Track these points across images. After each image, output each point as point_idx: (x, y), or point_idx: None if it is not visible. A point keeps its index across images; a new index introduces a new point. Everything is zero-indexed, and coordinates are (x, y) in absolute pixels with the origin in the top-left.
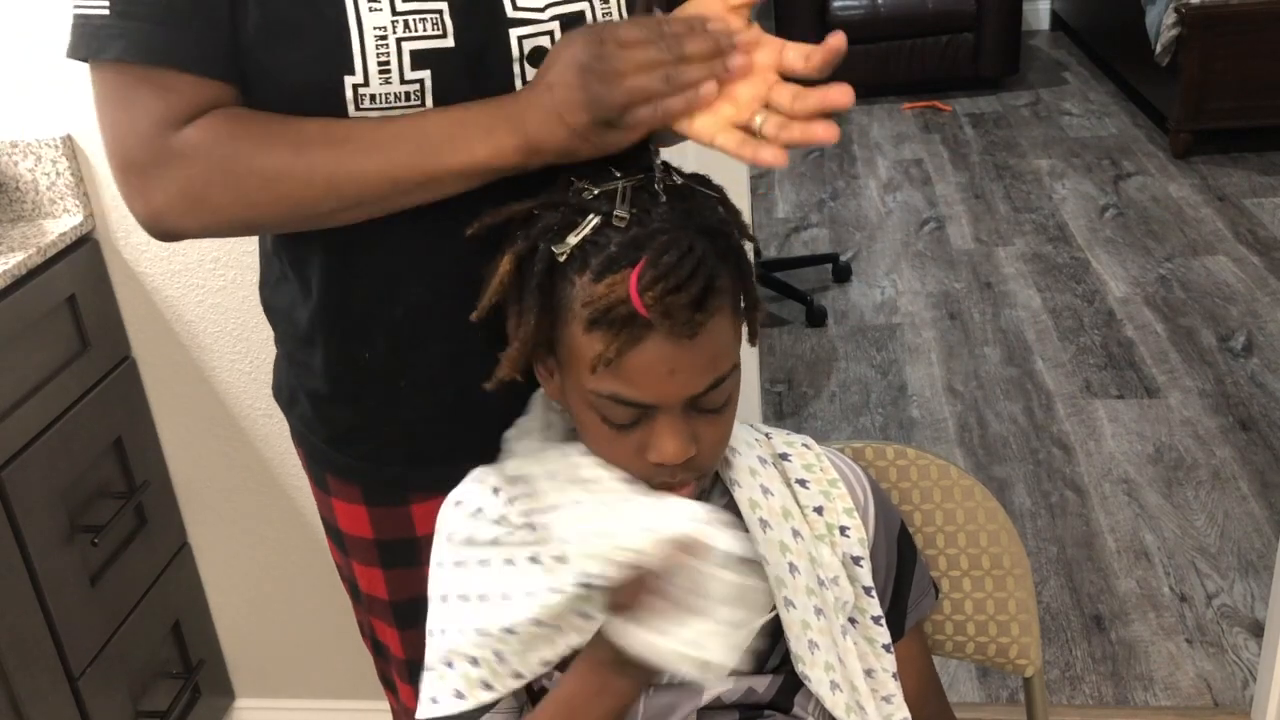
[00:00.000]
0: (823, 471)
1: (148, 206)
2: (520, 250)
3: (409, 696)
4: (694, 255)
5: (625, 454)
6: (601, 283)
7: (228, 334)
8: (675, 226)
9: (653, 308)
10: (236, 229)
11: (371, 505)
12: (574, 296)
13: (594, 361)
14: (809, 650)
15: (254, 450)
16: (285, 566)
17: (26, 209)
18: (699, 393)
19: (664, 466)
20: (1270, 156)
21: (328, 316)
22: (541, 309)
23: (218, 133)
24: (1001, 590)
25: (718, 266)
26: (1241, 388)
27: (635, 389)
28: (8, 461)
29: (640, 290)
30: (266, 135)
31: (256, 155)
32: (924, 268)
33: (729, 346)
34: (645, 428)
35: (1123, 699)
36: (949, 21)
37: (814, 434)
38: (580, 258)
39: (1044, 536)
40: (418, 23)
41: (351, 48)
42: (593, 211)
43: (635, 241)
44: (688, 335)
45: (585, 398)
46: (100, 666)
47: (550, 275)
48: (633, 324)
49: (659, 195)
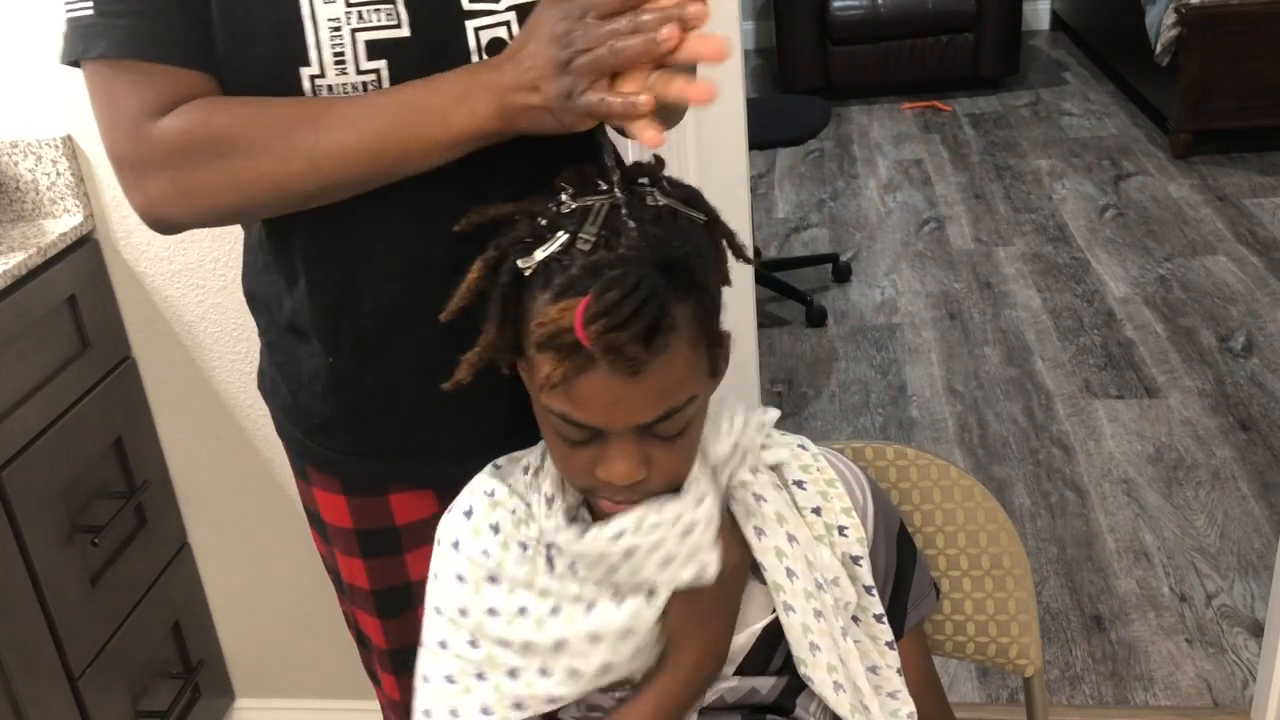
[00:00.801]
0: (820, 472)
1: (143, 199)
2: (489, 259)
3: (392, 688)
4: (639, 294)
5: (577, 468)
6: (555, 306)
7: (228, 334)
8: (636, 258)
9: (595, 342)
10: (230, 214)
11: (351, 495)
12: (535, 309)
13: (542, 382)
14: (810, 653)
15: (254, 450)
16: (285, 566)
17: (26, 209)
18: (648, 422)
19: (611, 484)
20: (1270, 156)
21: (310, 307)
22: (504, 319)
23: (198, 119)
24: (1001, 590)
25: (670, 303)
26: (1241, 388)
27: (582, 413)
28: (8, 461)
29: (584, 324)
30: (246, 117)
31: (238, 138)
32: (924, 268)
33: (684, 380)
34: (597, 446)
35: (1123, 699)
36: (949, 21)
37: (814, 434)
38: (544, 274)
39: (1044, 536)
40: (371, 13)
41: (306, 40)
42: (562, 229)
43: (594, 268)
44: (629, 373)
45: (540, 410)
46: (100, 666)
47: (515, 287)
48: (578, 353)
49: (632, 219)
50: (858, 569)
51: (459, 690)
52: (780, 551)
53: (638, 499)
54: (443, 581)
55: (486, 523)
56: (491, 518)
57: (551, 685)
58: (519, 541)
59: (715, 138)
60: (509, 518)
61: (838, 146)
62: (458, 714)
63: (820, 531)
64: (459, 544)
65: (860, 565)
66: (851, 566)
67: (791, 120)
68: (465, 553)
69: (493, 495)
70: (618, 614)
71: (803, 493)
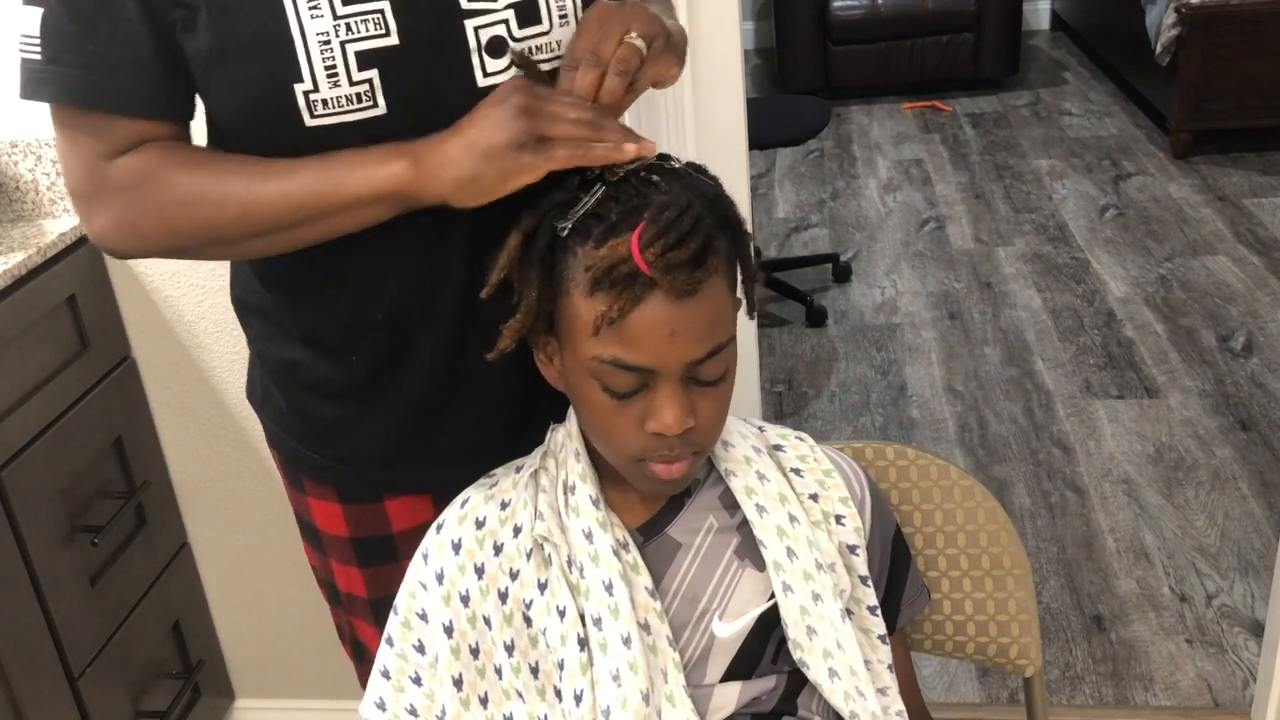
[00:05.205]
0: (817, 462)
1: (91, 230)
2: (526, 227)
3: None
4: (692, 212)
5: (624, 426)
6: (604, 246)
7: (228, 334)
8: (675, 192)
9: (654, 264)
10: (168, 253)
11: (346, 503)
12: (576, 265)
13: (597, 322)
14: (808, 636)
15: (254, 450)
16: (285, 566)
17: (26, 209)
18: (698, 358)
19: (663, 438)
20: (1270, 156)
21: (311, 315)
22: (543, 283)
23: (146, 164)
24: (1001, 590)
25: (715, 230)
26: (1241, 388)
27: (637, 352)
28: (8, 461)
29: (641, 247)
30: (190, 164)
31: (178, 183)
32: (924, 268)
33: (726, 315)
34: (645, 398)
35: (1123, 699)
36: (949, 21)
37: (814, 434)
38: (582, 230)
39: (1044, 536)
40: (359, 24)
41: (297, 56)
42: (597, 183)
43: (636, 209)
44: (688, 291)
45: (586, 367)
46: (100, 666)
47: (552, 250)
48: (634, 283)
49: (656, 173)
50: (854, 558)
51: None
52: (782, 530)
53: (685, 457)
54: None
55: (450, 539)
56: (456, 533)
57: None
58: (476, 566)
59: (715, 138)
60: (472, 533)
61: (838, 146)
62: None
63: (817, 518)
64: (428, 556)
65: (856, 555)
66: (848, 555)
67: (791, 120)
68: (432, 567)
69: (463, 506)
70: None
71: (800, 480)
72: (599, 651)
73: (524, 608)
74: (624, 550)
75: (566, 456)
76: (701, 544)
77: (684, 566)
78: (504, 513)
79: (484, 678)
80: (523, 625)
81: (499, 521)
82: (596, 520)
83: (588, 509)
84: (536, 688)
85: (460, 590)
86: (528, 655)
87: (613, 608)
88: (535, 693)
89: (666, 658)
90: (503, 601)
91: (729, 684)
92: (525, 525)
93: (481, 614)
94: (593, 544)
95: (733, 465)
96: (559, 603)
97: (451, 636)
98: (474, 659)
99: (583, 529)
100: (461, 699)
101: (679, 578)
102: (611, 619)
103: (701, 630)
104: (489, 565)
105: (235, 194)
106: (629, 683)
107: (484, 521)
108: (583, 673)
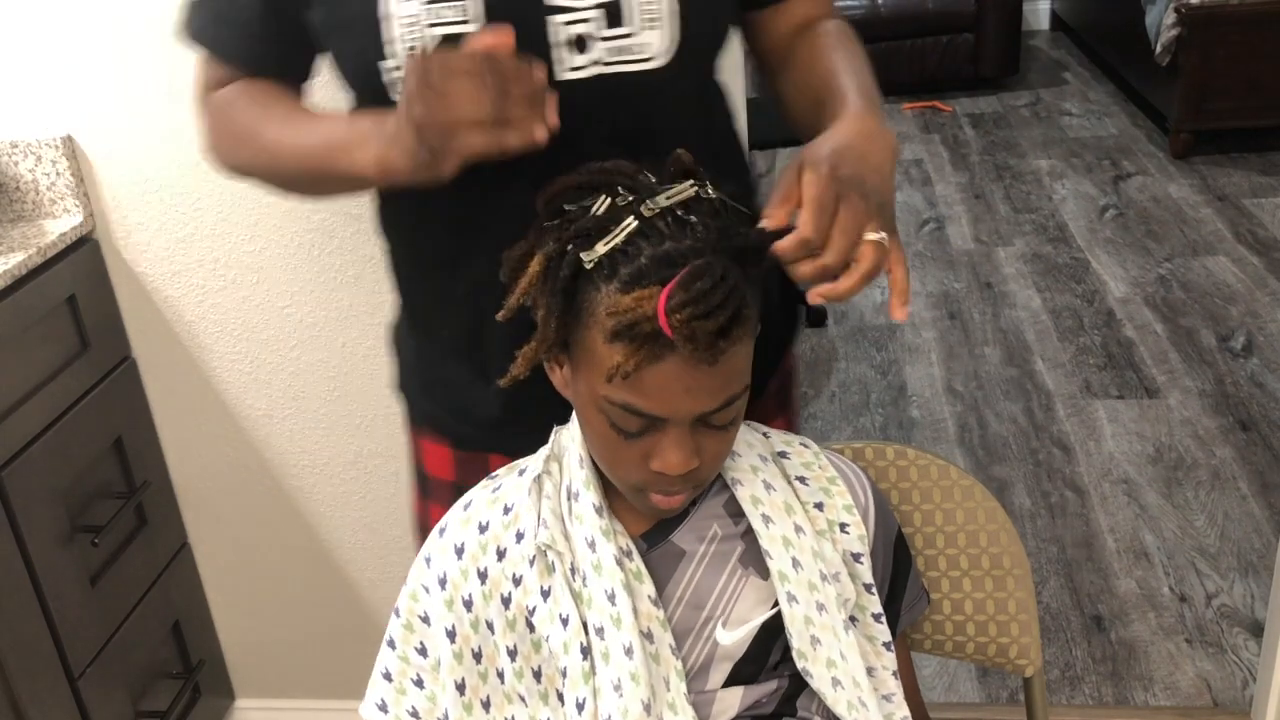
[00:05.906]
0: (821, 470)
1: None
2: (550, 252)
3: None
4: (726, 284)
5: (628, 459)
6: (629, 295)
7: (228, 334)
8: (710, 248)
9: (678, 330)
10: (246, 180)
11: (457, 449)
12: (598, 302)
13: (611, 372)
14: (811, 646)
15: (254, 450)
16: (285, 566)
17: (26, 209)
18: (711, 410)
19: (665, 476)
20: (1270, 156)
21: (409, 275)
22: (564, 312)
23: (225, 100)
24: (1001, 590)
25: (746, 295)
26: (1241, 388)
27: (649, 402)
28: (8, 461)
29: (668, 311)
30: (253, 106)
31: (237, 120)
32: (924, 268)
33: (745, 369)
34: (651, 437)
35: (1123, 699)
36: (949, 21)
37: (814, 434)
38: (609, 265)
39: (1044, 536)
40: (444, 9)
41: (384, 36)
42: (629, 216)
43: (667, 258)
44: (709, 361)
45: (596, 402)
46: (100, 667)
47: (575, 280)
48: (655, 341)
49: (693, 213)
50: (858, 566)
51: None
52: (787, 541)
53: (687, 491)
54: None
55: (453, 543)
56: (459, 537)
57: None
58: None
59: None
60: (475, 537)
61: None
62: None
63: (822, 527)
64: (431, 559)
65: (861, 563)
66: (852, 564)
67: None
68: (434, 570)
69: (466, 509)
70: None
71: (805, 488)
72: (601, 661)
73: (527, 614)
74: (627, 559)
75: (570, 461)
76: (706, 551)
77: (688, 574)
78: (507, 517)
79: (486, 682)
80: (525, 631)
81: (502, 526)
82: (599, 529)
83: (590, 517)
84: (539, 692)
85: (463, 595)
86: (530, 660)
87: (615, 617)
88: (538, 697)
89: (669, 666)
90: (505, 606)
91: (731, 689)
92: (528, 531)
93: (484, 619)
94: (595, 553)
95: (739, 474)
96: (562, 610)
97: (454, 641)
98: (476, 663)
99: (585, 537)
100: (464, 703)
101: (683, 585)
102: (614, 628)
103: (705, 638)
104: (492, 570)
105: (271, 140)
106: (630, 693)
107: (487, 526)
108: (585, 681)
